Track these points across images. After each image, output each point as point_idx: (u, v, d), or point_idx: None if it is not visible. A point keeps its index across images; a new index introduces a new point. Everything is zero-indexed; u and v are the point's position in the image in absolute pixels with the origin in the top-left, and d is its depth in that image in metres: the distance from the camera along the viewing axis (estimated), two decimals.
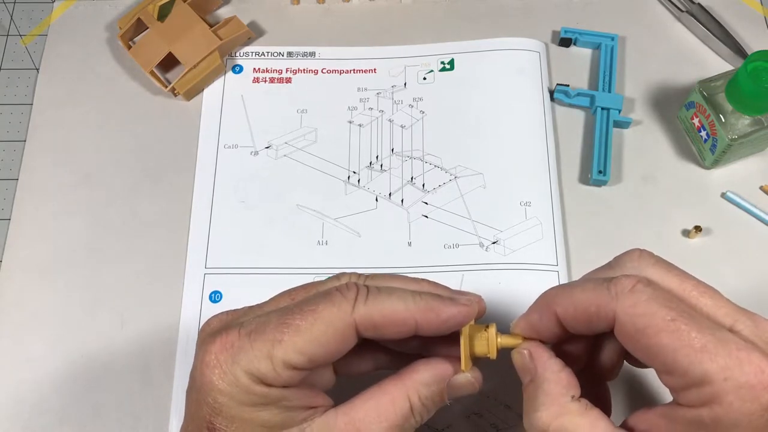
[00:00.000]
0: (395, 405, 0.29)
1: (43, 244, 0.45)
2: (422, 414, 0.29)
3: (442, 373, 0.30)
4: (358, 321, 0.28)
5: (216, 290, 0.43)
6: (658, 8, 0.52)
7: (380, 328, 0.29)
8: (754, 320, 0.27)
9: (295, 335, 0.27)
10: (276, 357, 0.27)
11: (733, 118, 0.43)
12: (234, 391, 0.27)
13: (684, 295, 0.27)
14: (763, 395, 0.24)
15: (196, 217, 0.46)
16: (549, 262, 0.43)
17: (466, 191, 0.46)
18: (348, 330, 0.28)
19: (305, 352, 0.27)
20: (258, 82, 0.50)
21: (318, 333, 0.28)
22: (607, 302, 0.27)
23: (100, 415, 0.41)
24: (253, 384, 0.27)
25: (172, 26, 0.49)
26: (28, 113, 0.49)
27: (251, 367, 0.27)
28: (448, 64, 0.50)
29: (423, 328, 0.29)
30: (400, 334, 0.29)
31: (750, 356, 0.25)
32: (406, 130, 0.48)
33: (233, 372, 0.27)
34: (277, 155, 0.47)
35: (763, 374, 0.24)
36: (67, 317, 0.43)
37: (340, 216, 0.45)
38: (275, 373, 0.27)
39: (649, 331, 0.26)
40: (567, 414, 0.28)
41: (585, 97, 0.49)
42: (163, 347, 0.42)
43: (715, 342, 0.25)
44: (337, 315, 0.28)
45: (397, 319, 0.29)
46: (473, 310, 0.30)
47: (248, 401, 0.27)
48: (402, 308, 0.29)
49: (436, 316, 0.29)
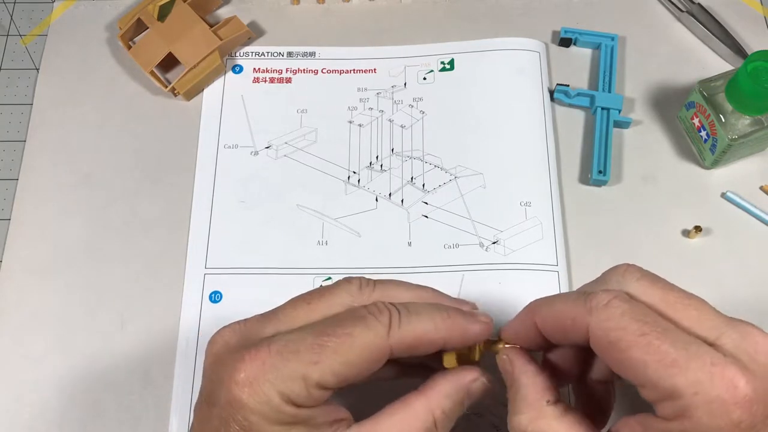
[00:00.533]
0: (419, 420, 0.29)
1: (43, 244, 0.45)
2: (445, 426, 0.30)
3: (461, 383, 0.30)
4: (393, 345, 0.29)
5: (216, 290, 0.43)
6: (658, 8, 0.52)
7: (413, 350, 0.29)
8: (742, 332, 0.26)
9: (330, 358, 0.27)
10: (310, 379, 0.27)
11: (733, 118, 0.43)
12: (265, 410, 0.27)
13: (667, 308, 0.27)
14: (733, 411, 0.24)
15: (196, 217, 0.46)
16: (549, 262, 0.43)
17: (466, 191, 0.46)
18: (383, 354, 0.29)
19: (339, 375, 0.28)
20: (258, 82, 0.50)
21: (353, 357, 0.28)
22: (582, 315, 0.27)
23: (100, 415, 0.41)
24: (284, 404, 0.27)
25: (172, 26, 0.49)
26: (28, 113, 0.49)
27: (284, 388, 0.27)
28: (448, 64, 0.50)
29: (448, 345, 0.30)
30: (428, 352, 0.30)
31: (724, 371, 0.24)
32: (406, 130, 0.48)
33: (265, 391, 0.27)
34: (277, 155, 0.47)
35: (735, 389, 0.24)
36: (67, 317, 0.43)
37: (340, 216, 0.45)
38: (308, 393, 0.27)
39: (621, 345, 0.26)
40: (543, 418, 0.28)
41: (585, 97, 0.49)
42: (163, 347, 0.42)
43: (687, 356, 0.25)
44: (373, 341, 0.28)
45: (430, 340, 0.29)
46: (491, 327, 0.31)
47: (278, 420, 0.27)
48: (433, 329, 0.29)
49: (462, 333, 0.30)
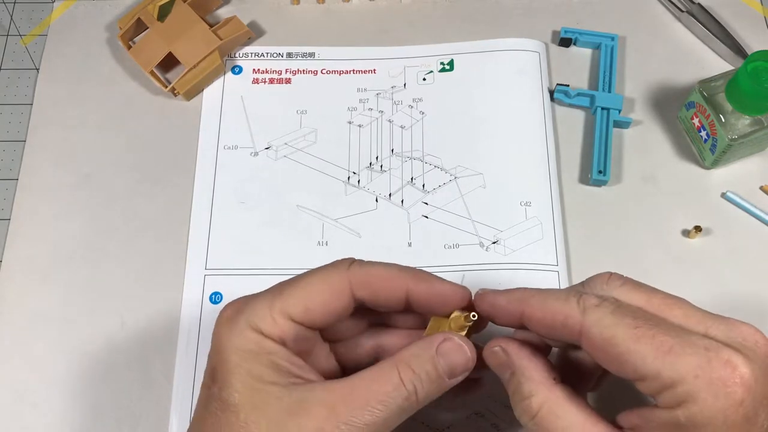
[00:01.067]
0: (387, 378, 0.28)
1: (43, 244, 0.45)
2: (416, 386, 0.29)
3: (430, 343, 0.30)
4: (353, 279, 0.30)
5: (216, 291, 0.43)
6: (658, 8, 0.52)
7: (373, 288, 0.30)
8: (729, 324, 0.27)
9: (293, 288, 0.30)
10: (274, 306, 0.29)
11: (733, 118, 0.43)
12: (236, 340, 0.29)
13: (653, 309, 0.28)
14: (735, 390, 0.24)
15: (196, 217, 0.46)
16: (549, 262, 0.43)
17: (466, 191, 0.46)
18: (343, 286, 0.30)
19: (302, 303, 0.29)
20: (258, 82, 0.50)
21: (315, 287, 0.30)
22: (575, 315, 0.28)
23: (100, 415, 0.41)
24: (252, 332, 0.29)
25: (172, 26, 0.49)
26: (28, 113, 0.49)
27: (252, 316, 0.29)
28: (448, 65, 0.50)
29: (416, 297, 0.31)
30: (394, 298, 0.31)
31: (719, 353, 0.25)
32: (405, 130, 0.48)
33: (237, 321, 0.29)
34: (277, 156, 0.47)
35: (735, 369, 0.24)
36: (67, 317, 0.43)
37: (341, 217, 0.45)
38: (272, 320, 0.29)
39: (616, 341, 0.26)
40: (555, 398, 0.28)
41: (585, 97, 0.49)
42: (163, 347, 0.42)
43: (683, 343, 0.25)
44: (333, 272, 0.30)
45: (390, 279, 0.30)
46: (467, 292, 0.31)
47: (245, 348, 0.28)
48: (395, 272, 0.31)
49: (428, 286, 0.31)
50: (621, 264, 0.44)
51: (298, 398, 0.28)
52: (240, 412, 0.27)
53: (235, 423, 0.27)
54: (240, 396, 0.27)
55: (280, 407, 0.27)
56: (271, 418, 0.27)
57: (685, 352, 0.25)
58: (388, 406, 0.28)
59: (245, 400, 0.27)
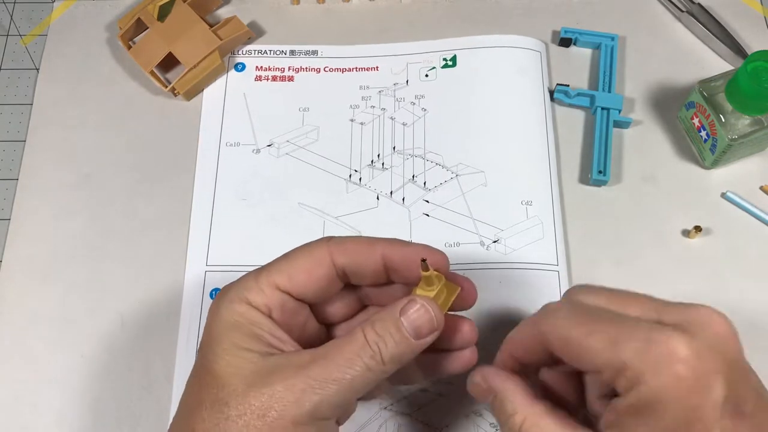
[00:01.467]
0: (351, 337, 0.30)
1: (43, 244, 0.45)
2: (380, 346, 0.29)
3: (395, 306, 0.31)
4: (332, 248, 0.32)
5: (217, 288, 0.43)
6: (658, 8, 0.53)
7: (351, 254, 0.32)
8: (682, 309, 0.28)
9: (278, 262, 0.32)
10: (261, 278, 0.31)
11: (733, 118, 0.43)
12: (223, 312, 0.30)
13: (614, 306, 0.29)
14: (674, 367, 0.25)
15: (197, 214, 0.46)
16: (549, 261, 0.43)
17: (467, 189, 0.46)
18: (323, 254, 0.32)
19: (286, 272, 0.31)
20: (260, 80, 0.50)
21: (297, 258, 0.32)
22: (537, 330, 0.30)
23: (100, 415, 0.41)
24: (240, 303, 0.30)
25: (172, 26, 0.49)
26: (28, 113, 0.49)
27: (240, 289, 0.31)
28: (451, 61, 0.50)
29: (391, 262, 0.32)
30: (371, 263, 0.32)
31: (660, 335, 0.26)
32: (407, 128, 0.48)
33: (225, 296, 0.31)
34: (279, 153, 0.48)
35: (672, 348, 0.26)
36: (67, 317, 0.43)
37: (342, 214, 0.45)
38: (259, 290, 0.31)
39: (572, 340, 0.28)
40: (534, 414, 0.30)
41: (585, 97, 0.49)
42: (163, 347, 0.42)
43: (629, 331, 0.27)
44: (313, 244, 0.32)
45: (366, 244, 0.32)
46: (440, 254, 0.33)
47: (230, 320, 0.30)
48: (371, 239, 0.33)
49: (402, 248, 0.32)
50: (621, 264, 0.44)
51: (273, 363, 0.29)
52: (218, 377, 0.29)
53: (213, 385, 0.29)
54: (220, 361, 0.29)
55: (254, 370, 0.29)
56: (245, 380, 0.29)
57: (630, 339, 0.26)
58: (355, 364, 0.29)
59: (224, 365, 0.29)
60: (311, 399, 0.28)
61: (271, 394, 0.28)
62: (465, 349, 0.34)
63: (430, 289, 0.32)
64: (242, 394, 0.28)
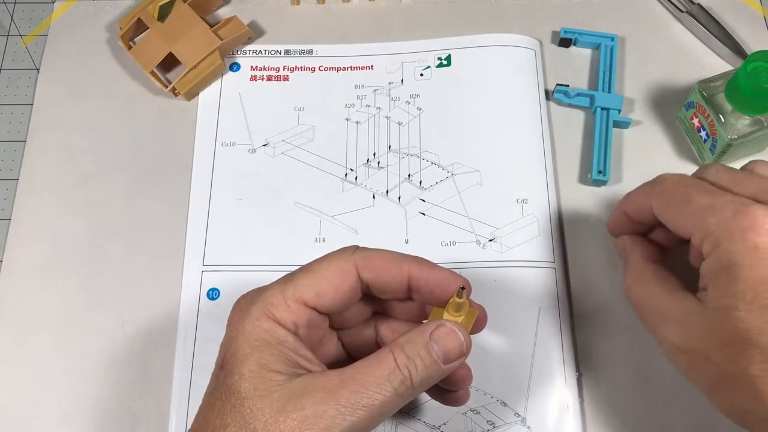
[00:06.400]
0: (383, 362, 0.29)
1: (43, 244, 0.45)
2: (410, 370, 0.29)
3: (424, 329, 0.31)
4: (358, 262, 0.31)
5: (214, 287, 0.43)
6: (658, 8, 0.52)
7: (378, 270, 0.32)
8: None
9: (304, 276, 0.31)
10: (287, 293, 0.30)
11: (733, 118, 0.43)
12: (249, 329, 0.29)
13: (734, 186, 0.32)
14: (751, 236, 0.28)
15: (193, 214, 0.46)
16: (546, 258, 0.43)
17: (463, 188, 0.46)
18: (350, 269, 0.31)
19: (313, 288, 0.31)
20: (255, 80, 0.50)
21: (324, 272, 0.31)
22: (649, 194, 0.35)
23: (100, 415, 0.41)
24: (266, 320, 0.30)
25: (173, 26, 0.49)
26: (28, 113, 0.49)
27: (266, 304, 0.30)
28: (445, 60, 0.50)
29: (416, 282, 0.32)
30: (396, 281, 0.32)
31: (747, 208, 0.29)
32: (403, 126, 0.48)
33: (250, 311, 0.30)
34: (275, 153, 0.48)
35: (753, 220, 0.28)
36: (67, 317, 0.43)
37: (338, 213, 0.46)
38: (286, 306, 0.30)
39: (671, 205, 0.33)
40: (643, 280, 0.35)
41: (585, 97, 0.49)
42: (163, 347, 0.42)
43: (721, 203, 0.30)
44: (340, 257, 0.32)
45: (393, 261, 0.32)
46: (465, 281, 0.33)
47: (257, 337, 0.29)
48: (398, 255, 0.33)
49: (429, 270, 0.32)
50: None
51: (301, 385, 0.29)
52: (245, 399, 0.28)
53: (240, 409, 0.28)
54: (246, 383, 0.28)
55: (282, 393, 0.28)
56: (273, 404, 0.28)
57: (720, 209, 0.30)
58: (385, 389, 0.29)
59: (250, 387, 0.28)
60: (341, 425, 0.28)
61: (302, 420, 0.27)
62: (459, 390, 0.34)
63: (458, 314, 0.32)
64: (272, 420, 0.28)
